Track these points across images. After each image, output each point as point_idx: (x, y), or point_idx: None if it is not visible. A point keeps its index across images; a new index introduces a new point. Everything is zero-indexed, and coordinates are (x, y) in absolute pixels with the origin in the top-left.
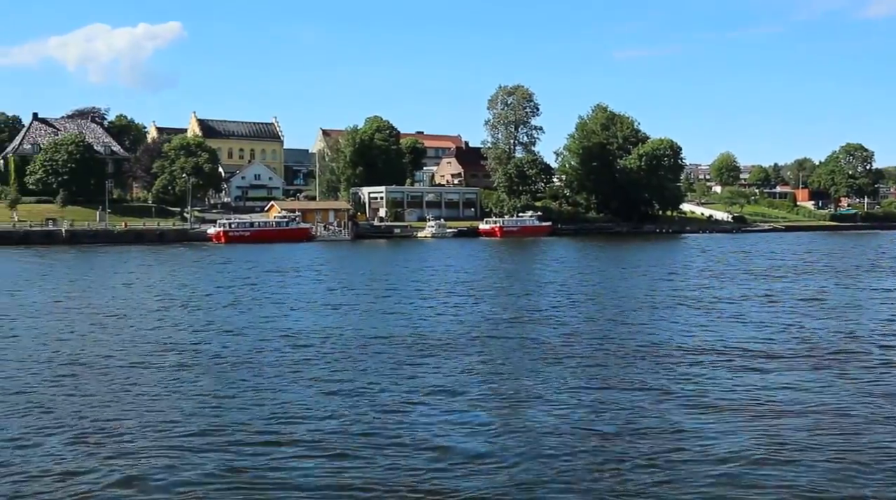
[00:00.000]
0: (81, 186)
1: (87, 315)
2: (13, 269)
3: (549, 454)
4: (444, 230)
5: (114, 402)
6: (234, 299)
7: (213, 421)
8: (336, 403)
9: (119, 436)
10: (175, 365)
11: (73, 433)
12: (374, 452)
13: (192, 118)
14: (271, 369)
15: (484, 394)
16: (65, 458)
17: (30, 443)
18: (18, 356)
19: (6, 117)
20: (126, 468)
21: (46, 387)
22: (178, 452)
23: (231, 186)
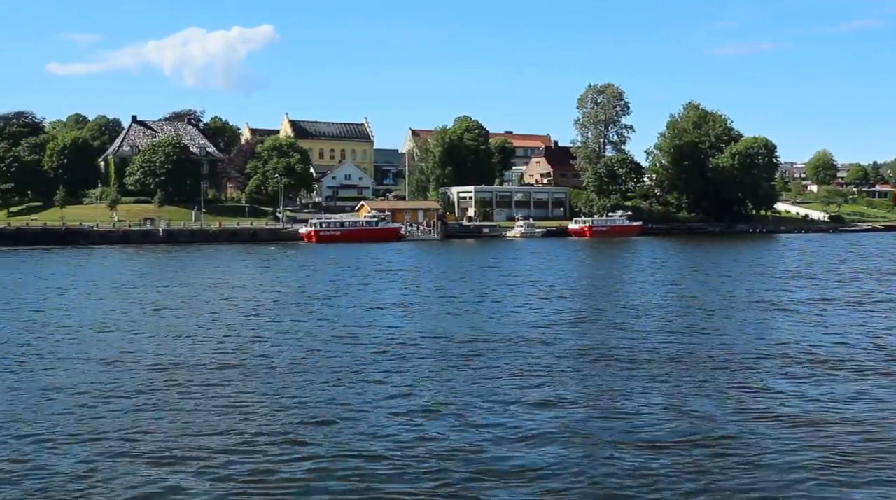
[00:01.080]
0: (178, 187)
1: (191, 313)
2: (115, 267)
3: (626, 457)
4: (533, 230)
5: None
6: (334, 299)
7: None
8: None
9: (237, 435)
10: (269, 367)
11: (184, 433)
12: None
13: (285, 119)
14: (372, 369)
15: (569, 399)
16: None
17: (141, 434)
18: (124, 352)
19: (107, 120)
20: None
21: (163, 385)
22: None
23: (322, 186)
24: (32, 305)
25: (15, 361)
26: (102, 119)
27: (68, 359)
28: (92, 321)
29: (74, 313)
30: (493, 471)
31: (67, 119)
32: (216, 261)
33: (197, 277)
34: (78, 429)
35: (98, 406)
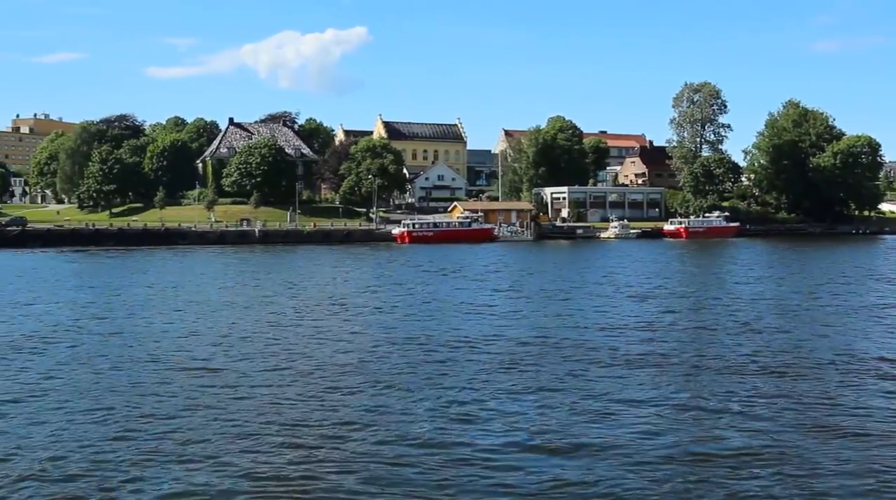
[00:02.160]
0: (273, 188)
1: (294, 312)
2: (215, 265)
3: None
4: (628, 231)
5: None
6: (424, 300)
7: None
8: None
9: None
10: (364, 369)
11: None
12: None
13: (378, 121)
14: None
15: (662, 404)
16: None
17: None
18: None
19: (204, 123)
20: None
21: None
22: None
23: (415, 186)
24: (136, 302)
25: (122, 352)
26: (200, 122)
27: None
28: (200, 319)
29: (182, 311)
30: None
31: (167, 122)
32: (311, 261)
33: (296, 276)
34: (181, 423)
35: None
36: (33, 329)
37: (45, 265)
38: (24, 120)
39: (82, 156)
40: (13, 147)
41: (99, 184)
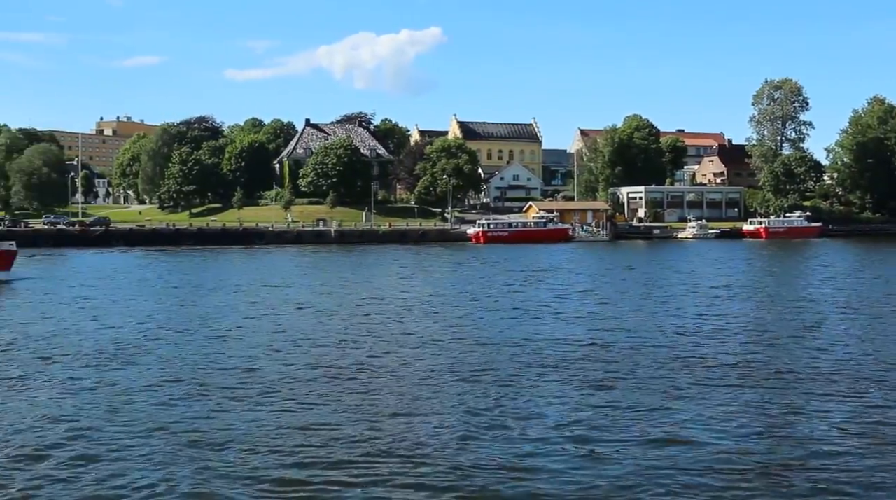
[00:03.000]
0: (349, 188)
1: (377, 311)
2: (298, 264)
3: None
4: (706, 231)
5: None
6: (506, 301)
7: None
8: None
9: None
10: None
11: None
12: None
13: (453, 121)
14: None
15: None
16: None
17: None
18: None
19: (281, 124)
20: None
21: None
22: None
23: (490, 186)
24: (218, 299)
25: (204, 346)
26: (277, 123)
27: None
28: (301, 319)
29: (268, 308)
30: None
31: (245, 123)
32: (390, 261)
33: (375, 275)
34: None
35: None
36: (141, 329)
37: (132, 265)
38: (107, 122)
39: (163, 157)
40: (97, 149)
41: (179, 185)
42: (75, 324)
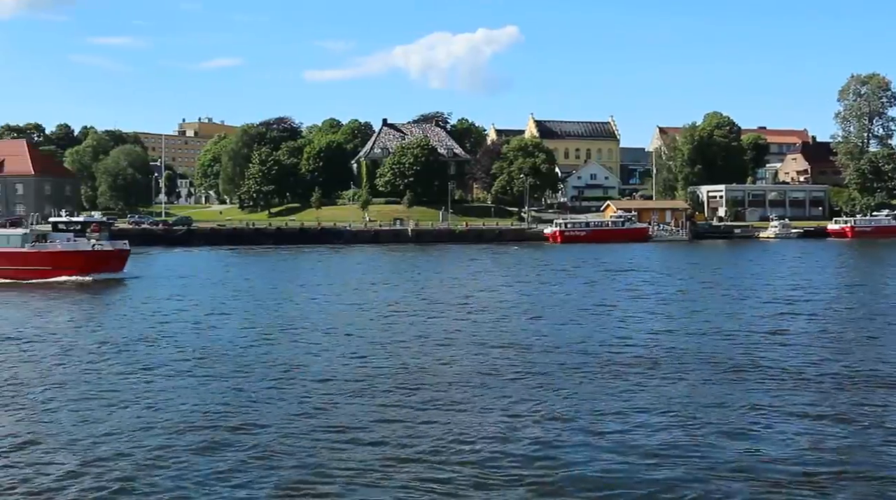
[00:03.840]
0: (426, 188)
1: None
2: (376, 263)
3: None
4: (789, 231)
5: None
6: (587, 301)
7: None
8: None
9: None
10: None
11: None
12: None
13: (530, 119)
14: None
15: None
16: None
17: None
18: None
19: (359, 124)
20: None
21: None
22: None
23: (567, 185)
24: (299, 297)
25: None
26: (355, 123)
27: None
28: (377, 314)
29: (347, 306)
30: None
31: (322, 124)
32: (466, 260)
33: (460, 275)
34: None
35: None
36: (267, 324)
37: (222, 264)
38: (189, 124)
39: (243, 158)
40: (179, 150)
41: (258, 185)
42: (202, 321)
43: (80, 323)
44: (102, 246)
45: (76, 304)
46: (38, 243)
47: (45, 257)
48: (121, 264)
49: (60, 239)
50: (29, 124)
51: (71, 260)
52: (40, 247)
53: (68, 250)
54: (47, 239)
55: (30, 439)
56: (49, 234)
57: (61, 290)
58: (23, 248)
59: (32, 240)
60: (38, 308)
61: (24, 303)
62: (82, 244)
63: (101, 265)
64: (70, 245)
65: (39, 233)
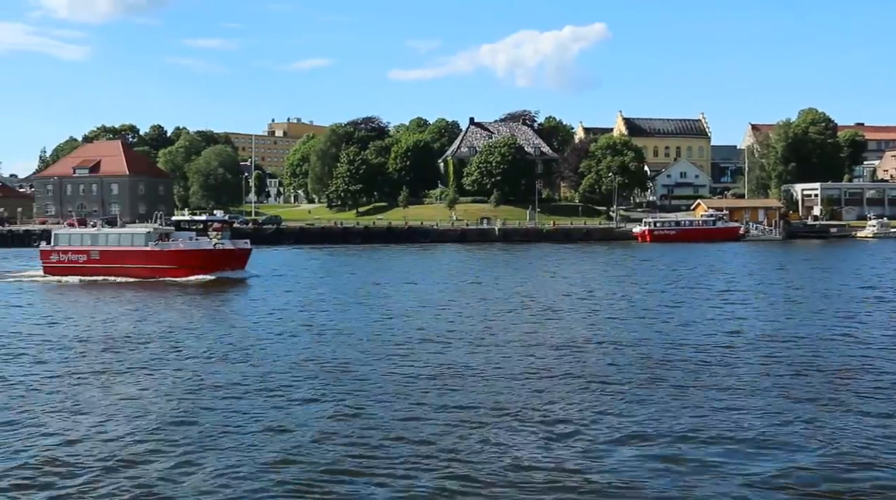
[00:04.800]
0: (513, 187)
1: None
2: (466, 261)
3: None
4: (888, 229)
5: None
6: (679, 302)
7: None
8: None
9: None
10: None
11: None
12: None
13: (618, 117)
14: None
15: None
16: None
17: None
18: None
19: (446, 123)
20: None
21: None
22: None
23: (656, 184)
24: (396, 294)
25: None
26: (442, 122)
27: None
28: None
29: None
30: None
31: (410, 123)
32: (556, 259)
33: (555, 274)
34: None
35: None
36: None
37: (318, 262)
38: (278, 124)
39: (331, 157)
40: (269, 150)
41: (346, 184)
42: (335, 316)
43: (217, 320)
44: (224, 245)
45: (205, 302)
46: (162, 242)
47: (169, 256)
48: (242, 262)
49: (183, 238)
50: (124, 126)
51: (194, 259)
52: (164, 246)
53: (191, 248)
54: (170, 238)
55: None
56: (172, 233)
57: (185, 289)
58: (146, 247)
59: (156, 239)
60: (177, 306)
61: (161, 302)
62: (204, 243)
63: (223, 264)
64: (193, 244)
65: (162, 232)
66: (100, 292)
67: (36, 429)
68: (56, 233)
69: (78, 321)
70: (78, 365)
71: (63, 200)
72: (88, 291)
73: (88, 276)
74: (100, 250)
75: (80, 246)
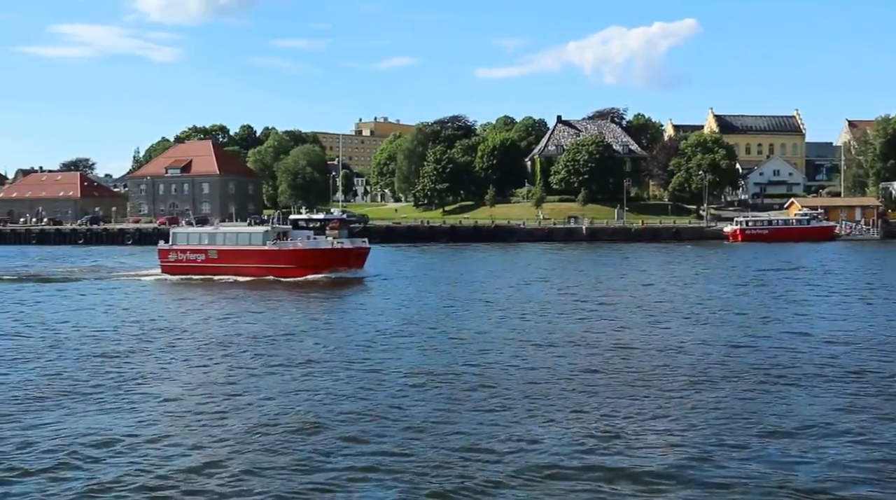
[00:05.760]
0: (600, 185)
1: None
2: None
3: None
4: None
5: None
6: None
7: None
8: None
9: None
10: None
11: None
12: None
13: (709, 114)
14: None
15: None
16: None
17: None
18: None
19: (533, 121)
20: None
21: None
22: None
23: (748, 182)
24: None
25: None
26: (528, 120)
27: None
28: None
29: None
30: None
31: (496, 121)
32: (647, 259)
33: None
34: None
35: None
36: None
37: (414, 260)
38: (365, 123)
39: (418, 156)
40: (356, 149)
41: (433, 183)
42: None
43: (352, 320)
44: (343, 244)
45: (331, 302)
46: (280, 242)
47: (288, 256)
48: (361, 261)
49: (301, 237)
50: (214, 126)
51: (313, 258)
52: (282, 245)
53: (311, 248)
54: (288, 237)
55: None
56: (289, 231)
57: (306, 288)
58: (265, 246)
59: (274, 238)
60: (305, 306)
61: (288, 301)
62: (323, 242)
63: (342, 263)
64: (311, 243)
65: (280, 231)
66: (220, 291)
67: (199, 429)
68: (174, 232)
69: (205, 320)
70: (215, 363)
71: (155, 199)
72: (209, 289)
73: (206, 275)
74: (218, 249)
75: (197, 245)
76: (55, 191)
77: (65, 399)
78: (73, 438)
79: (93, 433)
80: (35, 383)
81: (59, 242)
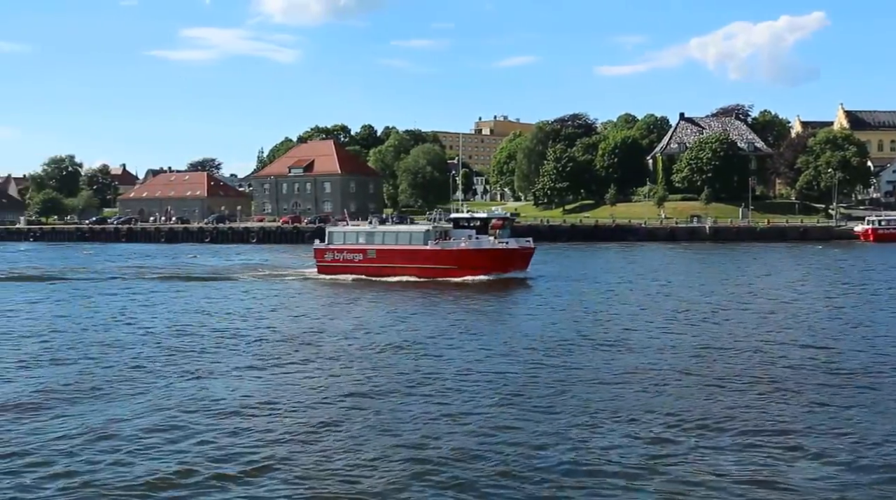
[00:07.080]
0: (724, 184)
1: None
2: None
3: None
4: None
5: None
6: None
7: None
8: None
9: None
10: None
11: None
12: None
13: (839, 110)
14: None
15: None
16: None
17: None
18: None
19: (655, 118)
20: None
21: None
22: None
23: (881, 180)
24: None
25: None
26: (650, 118)
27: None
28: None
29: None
30: None
31: (617, 119)
32: (773, 260)
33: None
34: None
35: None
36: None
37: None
38: (484, 122)
39: (538, 155)
40: (476, 148)
41: (553, 182)
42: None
43: (535, 326)
44: (507, 244)
45: (503, 305)
46: (442, 242)
47: (451, 256)
48: (525, 262)
49: (464, 237)
50: (336, 126)
51: (478, 259)
52: (444, 245)
53: (475, 248)
54: (449, 236)
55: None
56: (451, 231)
57: (471, 289)
58: (426, 246)
59: (435, 237)
60: (476, 308)
61: (459, 303)
62: (486, 243)
63: (507, 265)
64: (475, 243)
65: (441, 230)
66: (386, 293)
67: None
68: (330, 231)
69: (377, 322)
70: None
71: (279, 198)
72: (374, 290)
73: (363, 275)
74: (376, 248)
75: (355, 245)
76: (183, 190)
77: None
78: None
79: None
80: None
81: (186, 240)
